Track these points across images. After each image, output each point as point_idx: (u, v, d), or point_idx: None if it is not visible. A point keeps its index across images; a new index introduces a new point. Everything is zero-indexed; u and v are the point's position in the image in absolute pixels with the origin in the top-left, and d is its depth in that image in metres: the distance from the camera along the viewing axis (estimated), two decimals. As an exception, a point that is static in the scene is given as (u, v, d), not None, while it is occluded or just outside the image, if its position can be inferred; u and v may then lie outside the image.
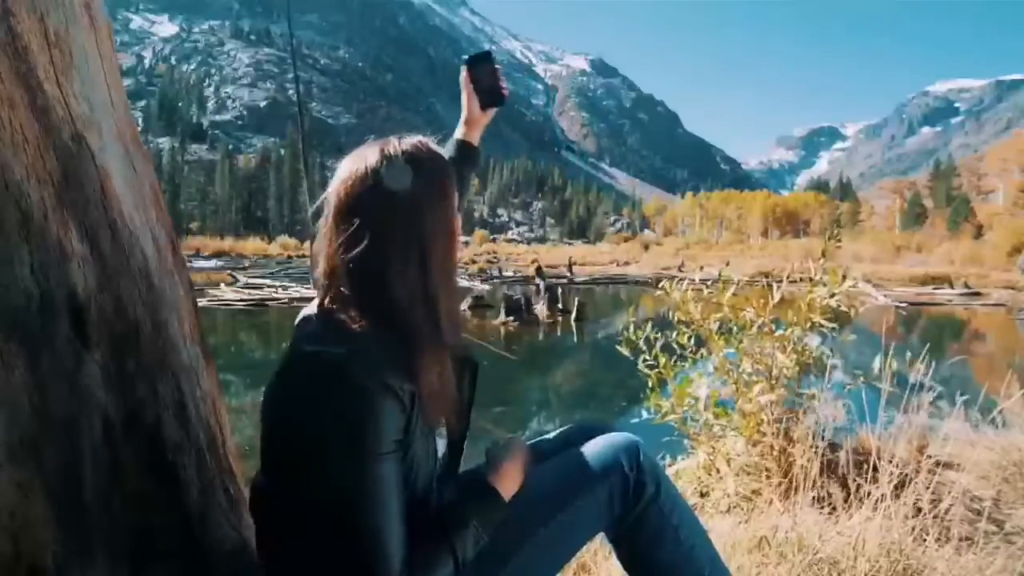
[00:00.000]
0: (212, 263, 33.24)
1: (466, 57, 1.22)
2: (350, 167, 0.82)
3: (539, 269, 19.29)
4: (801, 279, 2.25)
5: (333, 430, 0.74)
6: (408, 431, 0.78)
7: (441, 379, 0.82)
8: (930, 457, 1.92)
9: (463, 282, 20.46)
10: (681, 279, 2.48)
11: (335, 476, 0.74)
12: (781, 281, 2.22)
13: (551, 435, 1.15)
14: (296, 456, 0.77)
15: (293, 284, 18.68)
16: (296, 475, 0.78)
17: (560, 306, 13.74)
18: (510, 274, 26.51)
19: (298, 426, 0.77)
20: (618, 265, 37.48)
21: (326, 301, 0.82)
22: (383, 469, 0.75)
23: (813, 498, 1.81)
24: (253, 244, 49.98)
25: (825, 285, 2.12)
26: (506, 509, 0.90)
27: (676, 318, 2.35)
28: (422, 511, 0.83)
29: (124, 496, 0.93)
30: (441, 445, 0.90)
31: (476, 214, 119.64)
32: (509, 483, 0.92)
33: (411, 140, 0.84)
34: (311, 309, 0.86)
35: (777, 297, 2.20)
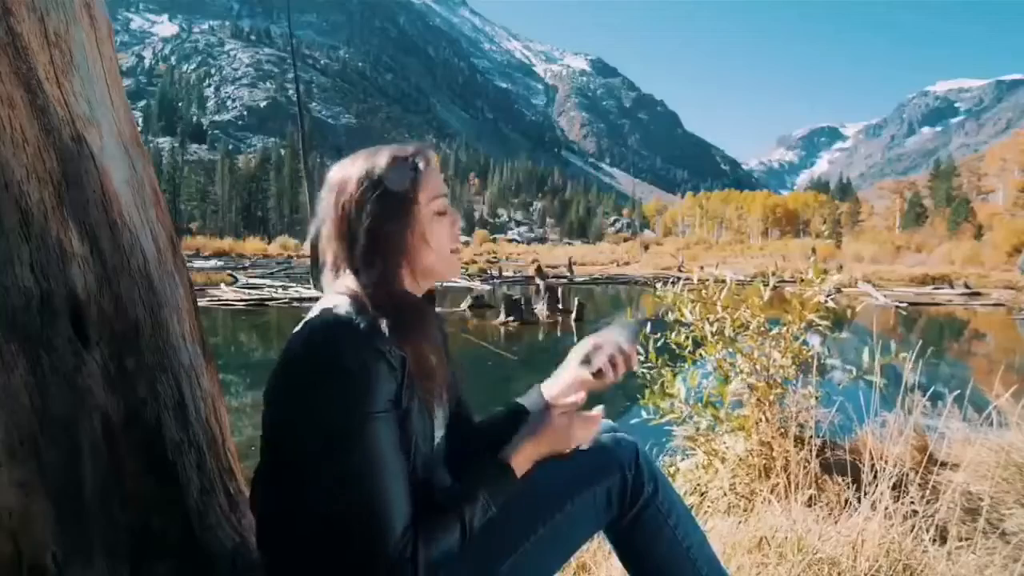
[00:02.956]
0: (212, 263, 33.20)
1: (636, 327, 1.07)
2: (337, 178, 0.91)
3: (539, 269, 19.30)
4: (797, 279, 2.25)
5: (328, 394, 0.78)
6: (400, 397, 0.82)
7: (428, 349, 0.87)
8: (929, 457, 1.92)
9: (463, 282, 20.47)
10: (675, 280, 2.48)
11: (333, 440, 0.78)
12: (781, 281, 2.22)
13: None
14: (295, 426, 0.81)
15: (293, 284, 18.67)
16: (296, 447, 0.81)
17: (560, 306, 13.74)
18: (510, 274, 26.49)
19: (296, 395, 0.81)
20: (618, 265, 37.46)
21: (334, 285, 0.90)
22: (379, 429, 0.79)
23: (811, 497, 1.81)
24: (253, 244, 49.89)
25: (815, 283, 2.12)
26: (518, 485, 0.91)
27: (672, 319, 2.36)
28: (421, 492, 0.86)
29: (124, 496, 0.93)
30: (439, 429, 0.93)
31: (476, 214, 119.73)
32: (522, 459, 0.93)
33: (378, 155, 0.91)
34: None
35: (767, 296, 2.21)
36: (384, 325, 0.81)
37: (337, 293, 0.87)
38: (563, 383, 1.08)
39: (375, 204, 0.86)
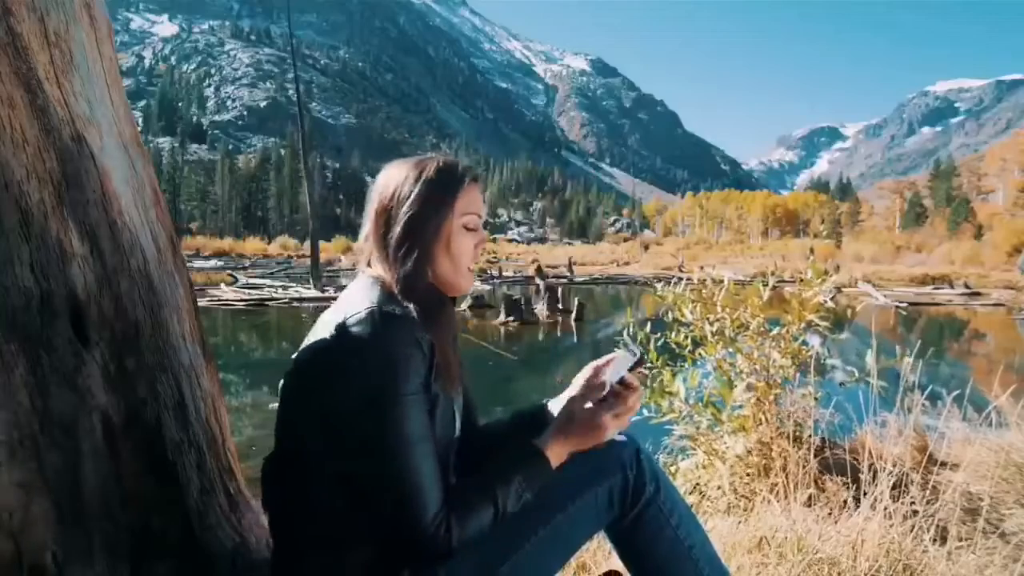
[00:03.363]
0: (212, 263, 33.19)
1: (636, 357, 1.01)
2: (384, 176, 0.97)
3: (539, 269, 19.30)
4: (797, 279, 2.25)
5: (363, 377, 0.81)
6: (430, 382, 0.85)
7: (448, 342, 0.92)
8: (929, 457, 1.92)
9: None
10: (675, 280, 2.49)
11: (368, 418, 0.81)
12: (781, 281, 2.22)
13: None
14: (326, 409, 0.83)
15: (293, 284, 18.66)
16: (325, 432, 0.84)
17: (560, 306, 13.74)
18: (510, 274, 26.48)
19: (330, 379, 0.83)
20: (618, 265, 37.44)
21: (366, 272, 0.95)
22: (411, 409, 0.82)
23: (811, 497, 1.81)
24: (253, 244, 49.88)
25: (815, 284, 2.12)
26: (552, 474, 0.93)
27: (672, 318, 2.36)
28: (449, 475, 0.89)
29: (124, 496, 0.93)
30: (457, 419, 0.97)
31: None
32: (558, 448, 0.94)
33: (429, 160, 0.97)
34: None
35: (766, 296, 2.21)
36: (415, 313, 0.86)
37: (370, 277, 0.92)
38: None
39: (417, 197, 0.92)
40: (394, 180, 0.94)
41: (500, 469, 0.90)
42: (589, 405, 0.97)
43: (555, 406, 1.08)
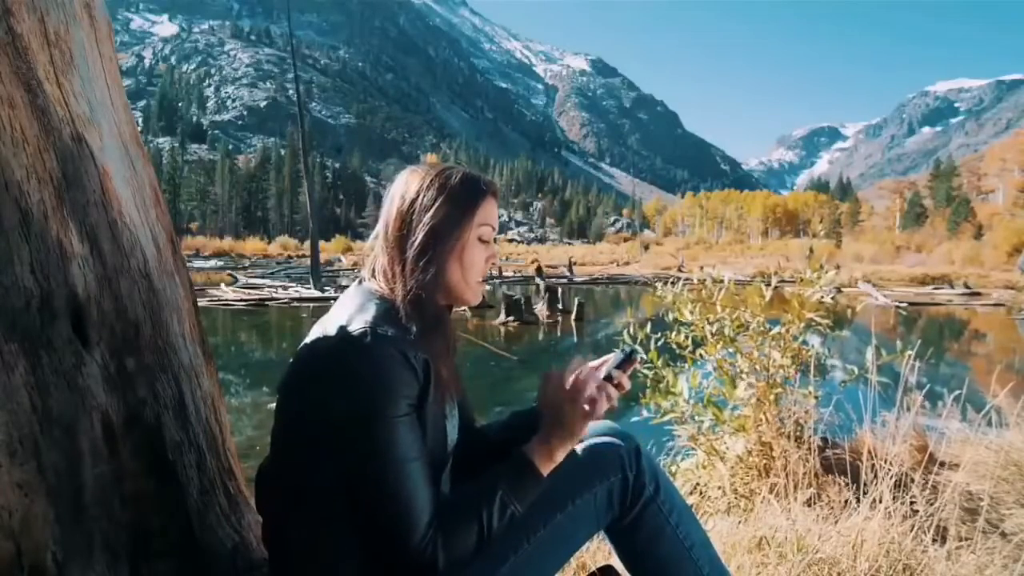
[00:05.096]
0: (212, 263, 33.21)
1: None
2: (403, 182, 0.96)
3: (539, 269, 19.29)
4: (797, 279, 2.25)
5: (352, 396, 0.80)
6: (422, 401, 0.84)
7: (444, 358, 0.90)
8: (929, 456, 1.92)
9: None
10: (675, 280, 2.49)
11: (356, 440, 0.80)
12: (781, 280, 2.22)
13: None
14: (318, 426, 0.82)
15: (293, 284, 18.66)
16: (317, 447, 0.83)
17: (560, 306, 13.73)
18: (510, 274, 26.48)
19: (319, 395, 0.83)
20: (618, 265, 37.43)
21: (365, 284, 0.94)
22: (401, 430, 0.81)
23: (811, 497, 1.81)
24: (253, 244, 49.96)
25: (814, 280, 2.12)
26: (542, 484, 0.90)
27: (673, 318, 2.36)
28: (438, 495, 0.87)
29: (124, 496, 0.93)
30: (451, 434, 0.96)
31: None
32: (546, 459, 0.91)
33: (451, 169, 0.97)
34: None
35: (768, 295, 2.21)
36: (411, 330, 0.85)
37: (367, 291, 0.91)
38: None
39: (440, 205, 0.91)
40: (415, 186, 0.93)
41: (488, 486, 0.88)
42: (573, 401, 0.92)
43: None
